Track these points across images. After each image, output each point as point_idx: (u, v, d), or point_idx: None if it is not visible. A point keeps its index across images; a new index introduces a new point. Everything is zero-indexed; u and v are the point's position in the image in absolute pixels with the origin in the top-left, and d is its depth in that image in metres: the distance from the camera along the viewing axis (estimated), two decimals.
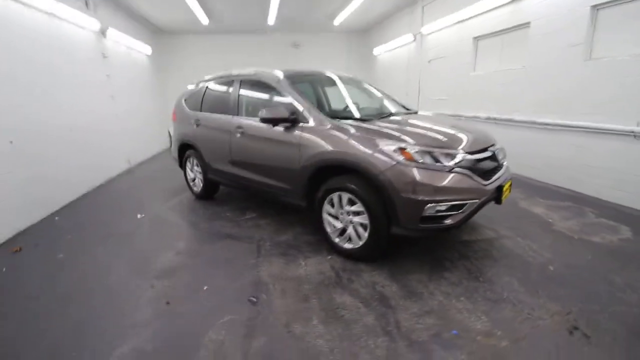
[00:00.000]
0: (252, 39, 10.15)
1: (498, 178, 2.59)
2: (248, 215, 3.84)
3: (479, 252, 2.82)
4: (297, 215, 3.72)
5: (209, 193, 4.41)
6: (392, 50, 8.79)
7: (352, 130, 2.59)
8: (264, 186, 3.34)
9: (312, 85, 3.72)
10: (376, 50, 9.75)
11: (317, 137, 2.73)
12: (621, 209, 3.60)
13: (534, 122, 4.63)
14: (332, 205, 2.72)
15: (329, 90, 3.84)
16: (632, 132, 3.43)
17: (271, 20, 8.26)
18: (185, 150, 4.53)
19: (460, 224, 2.35)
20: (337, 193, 2.63)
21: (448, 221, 2.30)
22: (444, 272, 2.52)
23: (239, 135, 3.46)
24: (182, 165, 4.65)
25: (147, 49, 8.11)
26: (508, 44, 5.14)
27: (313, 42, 10.55)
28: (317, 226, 2.95)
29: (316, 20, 8.89)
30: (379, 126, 2.62)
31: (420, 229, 2.31)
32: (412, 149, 2.30)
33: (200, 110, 4.18)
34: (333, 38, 10.71)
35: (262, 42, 10.24)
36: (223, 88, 3.97)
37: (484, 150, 2.57)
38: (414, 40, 7.66)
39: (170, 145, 5.05)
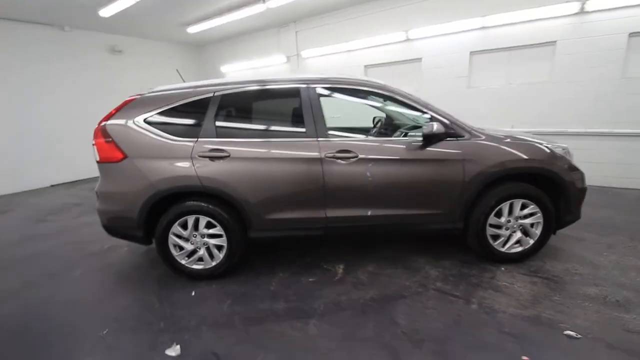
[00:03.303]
0: (45, 34, 6.58)
1: None
2: (339, 270, 2.86)
3: None
4: (375, 247, 3.21)
5: (235, 263, 2.79)
6: (255, 68, 8.47)
7: (509, 139, 2.73)
8: (397, 219, 2.68)
9: None
10: (226, 68, 8.99)
11: (484, 149, 2.65)
12: None
13: None
14: (499, 216, 2.70)
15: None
16: None
17: (106, 12, 5.78)
18: (163, 207, 2.61)
19: None
20: (509, 201, 2.67)
21: None
22: None
23: (350, 162, 2.55)
24: (160, 236, 2.63)
25: None
26: (402, 72, 6.52)
27: (140, 49, 8.24)
28: (440, 249, 2.80)
29: (161, 24, 7.08)
30: (509, 134, 2.88)
31: (579, 212, 2.84)
32: (563, 151, 2.79)
33: (216, 137, 2.60)
34: (167, 48, 8.83)
35: (61, 40, 6.84)
36: (272, 98, 2.73)
37: None
38: (288, 61, 7.85)
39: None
